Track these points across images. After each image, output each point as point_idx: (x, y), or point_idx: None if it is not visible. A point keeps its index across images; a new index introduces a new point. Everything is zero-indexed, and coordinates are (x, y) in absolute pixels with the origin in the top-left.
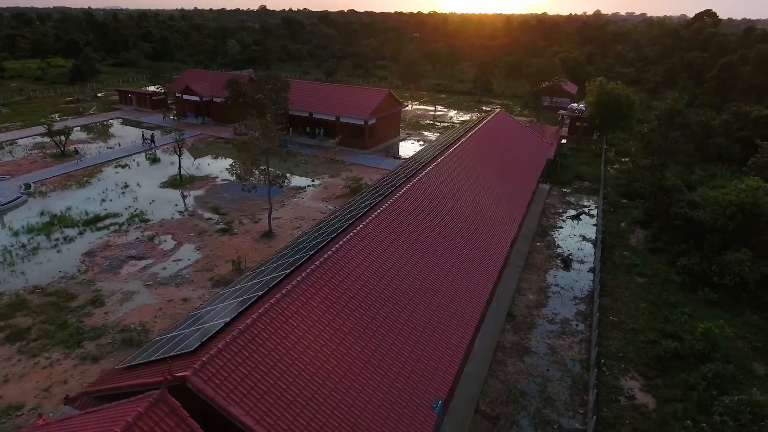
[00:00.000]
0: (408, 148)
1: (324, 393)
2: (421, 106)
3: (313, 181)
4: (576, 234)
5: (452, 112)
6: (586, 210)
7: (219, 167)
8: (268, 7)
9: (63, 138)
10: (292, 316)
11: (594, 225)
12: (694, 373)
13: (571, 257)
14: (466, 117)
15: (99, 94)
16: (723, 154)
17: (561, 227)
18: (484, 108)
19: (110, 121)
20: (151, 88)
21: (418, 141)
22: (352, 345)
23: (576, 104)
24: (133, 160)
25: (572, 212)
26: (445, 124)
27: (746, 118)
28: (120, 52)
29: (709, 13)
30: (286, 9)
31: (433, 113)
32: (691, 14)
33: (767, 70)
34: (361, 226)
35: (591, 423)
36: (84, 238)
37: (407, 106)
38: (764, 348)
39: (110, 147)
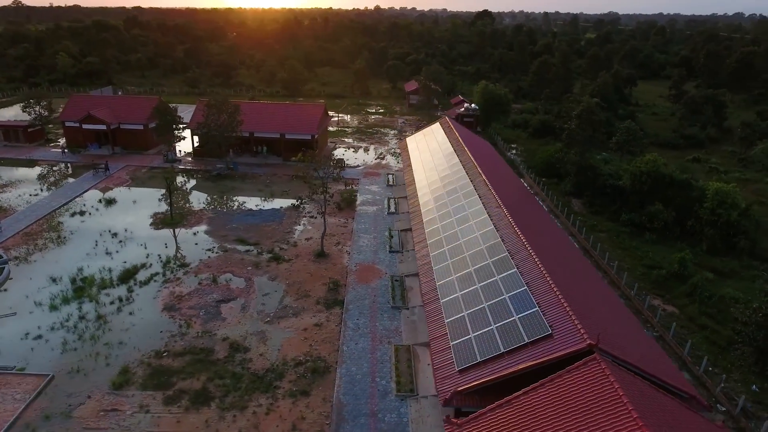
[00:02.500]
0: (343, 155)
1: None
2: None
3: (299, 199)
4: None
5: (347, 117)
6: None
7: (193, 199)
8: (24, 3)
9: None
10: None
11: (540, 201)
12: (684, 285)
13: None
14: (356, 120)
15: None
16: None
17: None
18: (367, 110)
19: None
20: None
21: (347, 148)
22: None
23: (469, 104)
24: (83, 204)
25: None
26: (352, 128)
27: (575, 104)
28: None
29: (486, 13)
30: (50, 5)
31: (337, 120)
32: (451, 8)
33: (569, 65)
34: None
35: (671, 331)
36: (140, 295)
37: (335, 117)
38: (701, 263)
39: (33, 194)
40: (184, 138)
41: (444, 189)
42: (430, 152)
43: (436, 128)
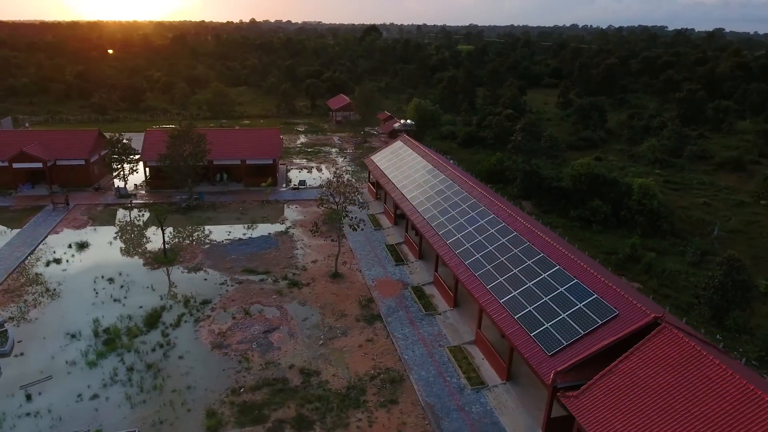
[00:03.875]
0: (298, 176)
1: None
2: None
3: (283, 223)
4: None
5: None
6: None
7: (173, 234)
8: None
9: None
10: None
11: None
12: (639, 265)
13: None
14: (290, 141)
15: None
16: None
17: None
18: (297, 129)
19: None
20: None
21: (300, 169)
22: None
23: (405, 120)
24: (53, 251)
25: None
26: (294, 148)
27: (500, 116)
28: None
29: (374, 28)
30: None
31: None
32: (325, 21)
33: (472, 79)
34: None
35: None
36: (177, 338)
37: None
38: (642, 245)
39: None
40: (137, 171)
41: (445, 203)
42: (408, 168)
43: (399, 146)
